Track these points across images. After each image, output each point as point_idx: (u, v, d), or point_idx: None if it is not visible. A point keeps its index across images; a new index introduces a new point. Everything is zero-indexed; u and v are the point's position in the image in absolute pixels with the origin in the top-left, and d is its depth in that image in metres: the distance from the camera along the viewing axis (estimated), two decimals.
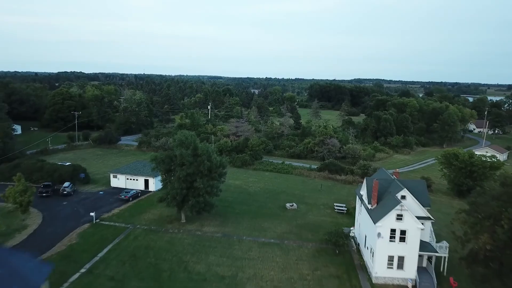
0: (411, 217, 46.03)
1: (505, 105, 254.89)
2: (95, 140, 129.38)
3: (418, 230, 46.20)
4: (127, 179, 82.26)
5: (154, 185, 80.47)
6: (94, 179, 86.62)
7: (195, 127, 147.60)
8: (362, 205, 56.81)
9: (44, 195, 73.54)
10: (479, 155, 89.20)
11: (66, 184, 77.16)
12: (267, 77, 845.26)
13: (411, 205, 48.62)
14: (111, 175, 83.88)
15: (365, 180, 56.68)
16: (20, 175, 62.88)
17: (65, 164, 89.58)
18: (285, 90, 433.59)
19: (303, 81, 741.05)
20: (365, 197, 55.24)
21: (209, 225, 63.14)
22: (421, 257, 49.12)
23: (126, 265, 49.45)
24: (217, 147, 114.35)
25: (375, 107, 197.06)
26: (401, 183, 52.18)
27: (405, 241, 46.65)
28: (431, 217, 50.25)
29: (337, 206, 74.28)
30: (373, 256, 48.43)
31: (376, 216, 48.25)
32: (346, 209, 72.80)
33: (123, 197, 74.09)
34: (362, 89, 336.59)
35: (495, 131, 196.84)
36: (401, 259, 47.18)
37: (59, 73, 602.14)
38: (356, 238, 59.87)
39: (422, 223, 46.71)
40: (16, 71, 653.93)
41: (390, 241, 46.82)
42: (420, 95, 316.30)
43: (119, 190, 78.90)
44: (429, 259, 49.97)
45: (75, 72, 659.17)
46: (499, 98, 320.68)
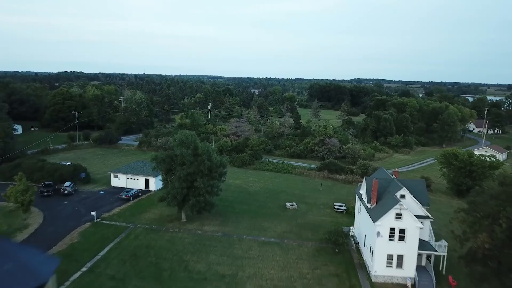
0: (410, 216, 46.31)
1: (505, 105, 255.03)
2: (95, 140, 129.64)
3: (417, 229, 46.48)
4: (128, 178, 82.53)
5: (154, 184, 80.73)
6: (94, 179, 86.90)
7: (195, 127, 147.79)
8: (361, 204, 57.07)
9: (45, 194, 73.78)
10: (478, 154, 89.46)
11: (67, 183, 77.49)
12: (267, 77, 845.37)
13: (410, 204, 48.83)
14: (112, 175, 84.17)
15: (365, 179, 56.93)
16: (21, 175, 63.13)
17: (66, 163, 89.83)
18: (285, 90, 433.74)
19: (303, 81, 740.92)
20: (364, 197, 55.51)
21: (210, 225, 63.42)
22: (420, 256, 49.39)
23: (127, 264, 49.73)
24: (217, 146, 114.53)
25: (375, 107, 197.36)
26: (401, 183, 52.40)
27: (404, 240, 46.92)
28: (430, 216, 50.46)
29: (336, 205, 74.56)
30: (372, 255, 48.70)
31: (375, 215, 48.52)
32: (345, 209, 73.10)
33: (123, 196, 74.38)
34: (362, 89, 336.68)
35: (495, 131, 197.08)
36: (400, 258, 47.45)
37: (59, 73, 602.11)
38: (355, 237, 60.14)
39: (421, 222, 46.96)
40: (16, 71, 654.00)
41: (389, 240, 47.09)
42: (420, 95, 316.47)
43: (120, 189, 79.17)
44: (428, 258, 50.22)
45: (75, 72, 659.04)
46: (499, 98, 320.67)
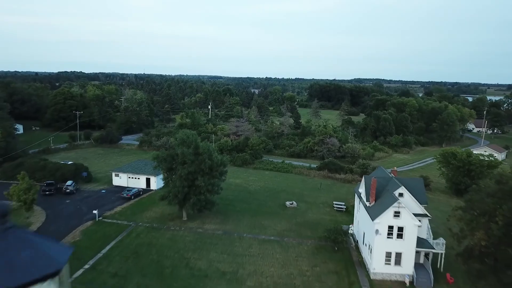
0: (408, 214, 46.93)
1: (504, 105, 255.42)
2: (96, 139, 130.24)
3: (415, 227, 47.11)
4: (129, 177, 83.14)
5: (155, 183, 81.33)
6: (96, 178, 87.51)
7: (196, 126, 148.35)
8: (360, 202, 57.70)
9: (47, 193, 74.34)
10: (477, 154, 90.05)
11: (68, 182, 78.11)
12: (267, 77, 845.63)
13: (409, 203, 49.44)
14: (113, 174, 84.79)
15: (364, 178, 57.56)
16: (24, 174, 63.65)
17: (68, 163, 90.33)
18: (285, 90, 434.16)
19: (303, 81, 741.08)
20: (363, 195, 56.12)
21: (210, 223, 64.05)
22: (418, 253, 49.99)
23: (129, 261, 50.38)
24: (218, 146, 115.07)
25: (375, 106, 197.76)
26: (399, 181, 53.00)
27: (402, 238, 47.55)
28: (428, 214, 51.08)
29: (336, 204, 75.18)
30: (371, 252, 49.32)
31: (374, 213, 49.14)
32: (345, 207, 73.70)
33: (125, 195, 74.98)
34: (362, 89, 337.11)
35: (494, 131, 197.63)
36: (398, 256, 48.07)
37: (59, 73, 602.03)
38: (354, 235, 60.76)
39: (419, 220, 47.59)
40: (16, 71, 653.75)
41: (387, 237, 47.71)
42: (420, 95, 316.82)
43: (121, 188, 79.72)
44: (426, 255, 50.84)
45: (75, 72, 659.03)
46: (498, 98, 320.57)
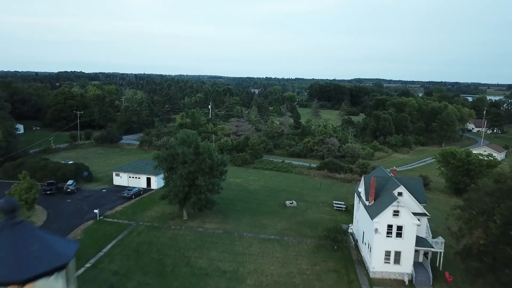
0: (408, 213, 47.27)
1: (504, 105, 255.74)
2: (97, 139, 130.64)
3: (414, 226, 47.45)
4: (130, 177, 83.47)
5: (156, 183, 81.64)
6: (96, 178, 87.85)
7: (196, 126, 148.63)
8: (360, 202, 58.04)
9: (48, 193, 74.70)
10: (476, 153, 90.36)
11: (69, 182, 78.45)
12: (267, 77, 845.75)
13: (408, 202, 49.78)
14: (114, 174, 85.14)
15: (363, 177, 57.89)
16: (25, 173, 63.87)
17: (68, 162, 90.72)
18: (285, 89, 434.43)
19: (303, 80, 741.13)
20: (363, 194, 56.46)
21: (211, 222, 64.39)
22: (417, 252, 50.34)
23: (130, 260, 50.73)
24: (218, 146, 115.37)
25: (375, 106, 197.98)
26: (398, 181, 53.33)
27: (401, 237, 47.89)
28: (427, 213, 51.44)
29: (336, 203, 75.50)
30: (370, 251, 49.66)
31: (373, 212, 49.49)
32: (344, 207, 74.01)
33: (125, 194, 75.29)
34: (362, 88, 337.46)
35: (494, 131, 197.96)
36: (397, 254, 48.40)
37: (59, 72, 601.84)
38: (354, 234, 61.08)
39: (418, 219, 47.96)
40: (16, 71, 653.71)
41: (387, 236, 48.04)
42: (419, 95, 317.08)
43: (122, 188, 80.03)
44: (425, 254, 51.18)
45: (75, 72, 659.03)
46: (498, 97, 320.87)
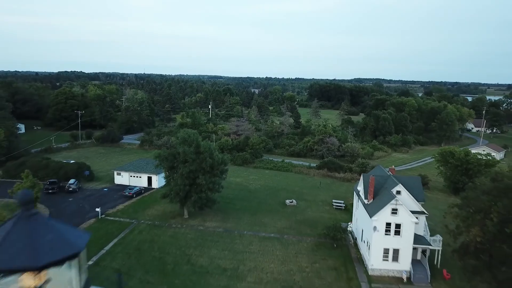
0: (406, 211, 47.88)
1: (504, 105, 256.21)
2: (98, 138, 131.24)
3: (412, 224, 48.06)
4: (131, 176, 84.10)
5: (157, 182, 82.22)
6: (98, 177, 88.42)
7: (196, 126, 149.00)
8: (359, 200, 58.67)
9: (50, 191, 75.29)
10: (475, 153, 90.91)
11: (71, 181, 79.04)
12: (267, 77, 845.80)
13: (406, 200, 50.40)
14: (115, 173, 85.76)
15: (362, 176, 58.54)
16: (28, 172, 64.45)
17: (70, 162, 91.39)
18: (285, 89, 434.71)
19: (303, 80, 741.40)
20: (362, 193, 57.07)
21: (211, 221, 65.00)
22: (415, 250, 50.93)
23: (131, 258, 51.36)
24: (218, 145, 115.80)
25: (374, 106, 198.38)
26: (397, 179, 53.95)
27: (400, 235, 48.50)
28: (425, 212, 52.07)
29: (335, 202, 76.08)
30: (369, 249, 50.27)
31: (372, 210, 50.11)
32: (344, 206, 74.57)
33: (127, 193, 75.90)
34: (361, 88, 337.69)
35: (493, 130, 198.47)
36: (396, 252, 49.02)
37: (60, 72, 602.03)
38: (353, 232, 61.70)
39: (416, 217, 48.57)
40: (16, 71, 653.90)
41: (385, 234, 48.66)
42: (419, 95, 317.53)
43: (123, 187, 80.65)
44: (423, 252, 51.80)
45: (75, 71, 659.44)
46: (498, 97, 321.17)
